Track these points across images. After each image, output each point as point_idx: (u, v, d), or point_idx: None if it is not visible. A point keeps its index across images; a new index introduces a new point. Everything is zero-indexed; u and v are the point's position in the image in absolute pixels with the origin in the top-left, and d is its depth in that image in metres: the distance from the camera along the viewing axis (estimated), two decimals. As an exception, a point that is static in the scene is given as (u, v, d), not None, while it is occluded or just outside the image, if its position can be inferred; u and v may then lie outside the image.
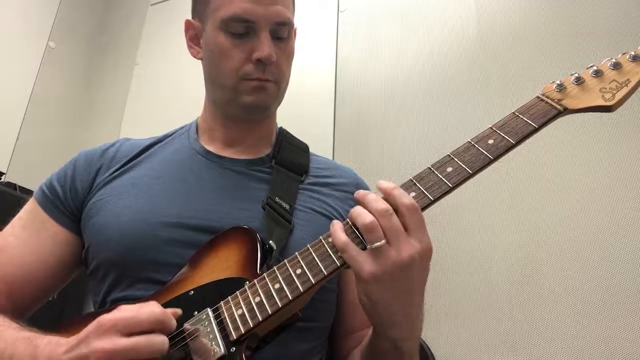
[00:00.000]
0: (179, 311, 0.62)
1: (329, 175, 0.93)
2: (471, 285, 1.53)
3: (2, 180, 2.21)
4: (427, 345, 1.23)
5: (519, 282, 1.48)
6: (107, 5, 3.00)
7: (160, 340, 0.55)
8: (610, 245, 1.40)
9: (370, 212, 0.58)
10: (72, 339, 0.57)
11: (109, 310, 0.73)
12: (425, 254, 0.59)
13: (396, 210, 0.58)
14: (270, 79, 0.84)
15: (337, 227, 0.61)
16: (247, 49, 0.82)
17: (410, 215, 0.58)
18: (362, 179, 0.99)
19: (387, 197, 0.60)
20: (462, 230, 1.60)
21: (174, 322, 0.58)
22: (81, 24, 2.85)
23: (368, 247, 0.58)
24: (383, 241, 0.57)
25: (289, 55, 0.88)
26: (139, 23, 2.78)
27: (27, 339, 0.63)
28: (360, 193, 0.62)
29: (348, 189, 0.92)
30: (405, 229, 0.58)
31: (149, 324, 0.56)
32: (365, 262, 0.57)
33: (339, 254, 0.61)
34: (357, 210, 0.60)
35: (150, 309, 0.57)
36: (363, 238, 0.59)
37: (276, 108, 0.93)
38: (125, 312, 0.56)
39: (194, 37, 0.92)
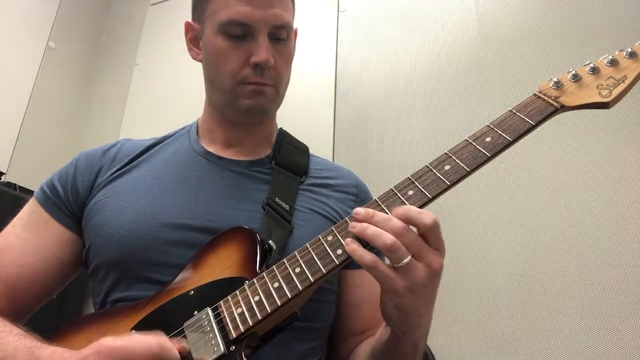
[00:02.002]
0: (186, 346, 0.62)
1: (328, 177, 0.93)
2: (471, 286, 1.54)
3: (2, 180, 2.22)
4: (427, 345, 1.23)
5: (519, 282, 1.48)
6: (107, 5, 3.00)
7: None
8: (611, 245, 1.40)
9: (386, 231, 0.58)
10: (73, 356, 0.58)
11: (109, 311, 0.74)
12: (444, 257, 0.60)
13: (414, 226, 0.58)
14: (268, 83, 0.84)
15: (355, 247, 0.59)
16: (244, 52, 0.82)
17: (433, 231, 0.58)
18: (362, 180, 0.99)
19: (404, 219, 0.59)
20: (462, 230, 1.60)
21: (174, 357, 0.57)
22: (81, 24, 2.85)
23: (395, 265, 0.57)
24: (409, 257, 0.57)
25: (287, 57, 0.88)
26: (139, 23, 2.79)
27: (29, 348, 0.63)
28: (361, 213, 0.61)
29: (348, 190, 0.92)
30: (427, 241, 0.58)
31: (144, 358, 0.55)
32: (398, 278, 0.57)
33: (338, 252, 0.61)
34: (373, 231, 0.58)
35: (149, 344, 0.56)
36: (370, 249, 0.59)
37: (275, 110, 0.93)
38: (125, 341, 0.56)
39: (193, 39, 0.92)
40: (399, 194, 0.63)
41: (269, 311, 0.61)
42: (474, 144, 0.64)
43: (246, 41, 0.82)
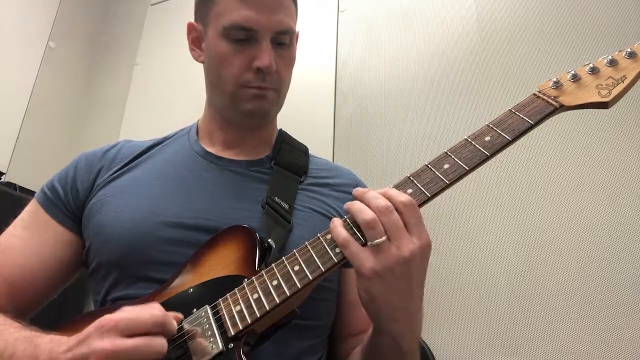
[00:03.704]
0: (180, 315, 0.62)
1: (328, 176, 0.93)
2: (471, 286, 1.53)
3: (2, 180, 2.22)
4: (427, 345, 1.22)
5: (519, 282, 1.48)
6: (107, 5, 3.00)
7: (160, 343, 0.55)
8: (611, 245, 1.40)
9: (370, 208, 0.59)
10: (73, 338, 0.57)
11: (110, 309, 0.74)
12: (425, 249, 0.59)
13: (395, 208, 0.59)
14: (270, 87, 0.84)
15: (336, 223, 0.62)
16: (247, 56, 0.82)
17: (408, 212, 0.59)
18: (362, 180, 0.99)
19: (384, 196, 0.60)
20: (462, 230, 1.60)
21: (174, 325, 0.58)
22: (81, 24, 2.85)
23: (369, 243, 0.58)
24: (384, 237, 0.57)
25: (289, 62, 0.89)
26: (139, 23, 2.78)
27: (28, 338, 0.63)
28: (359, 190, 0.63)
29: (347, 190, 0.92)
30: (405, 225, 0.58)
31: (150, 326, 0.56)
32: (366, 259, 0.57)
33: (337, 250, 0.61)
34: (358, 206, 0.60)
35: (152, 312, 0.57)
36: (362, 234, 0.59)
37: (276, 113, 0.94)
38: (127, 313, 0.56)
39: (195, 39, 0.92)
40: (398, 193, 0.63)
41: (268, 309, 0.61)
42: (473, 143, 0.64)
43: (249, 45, 0.82)
